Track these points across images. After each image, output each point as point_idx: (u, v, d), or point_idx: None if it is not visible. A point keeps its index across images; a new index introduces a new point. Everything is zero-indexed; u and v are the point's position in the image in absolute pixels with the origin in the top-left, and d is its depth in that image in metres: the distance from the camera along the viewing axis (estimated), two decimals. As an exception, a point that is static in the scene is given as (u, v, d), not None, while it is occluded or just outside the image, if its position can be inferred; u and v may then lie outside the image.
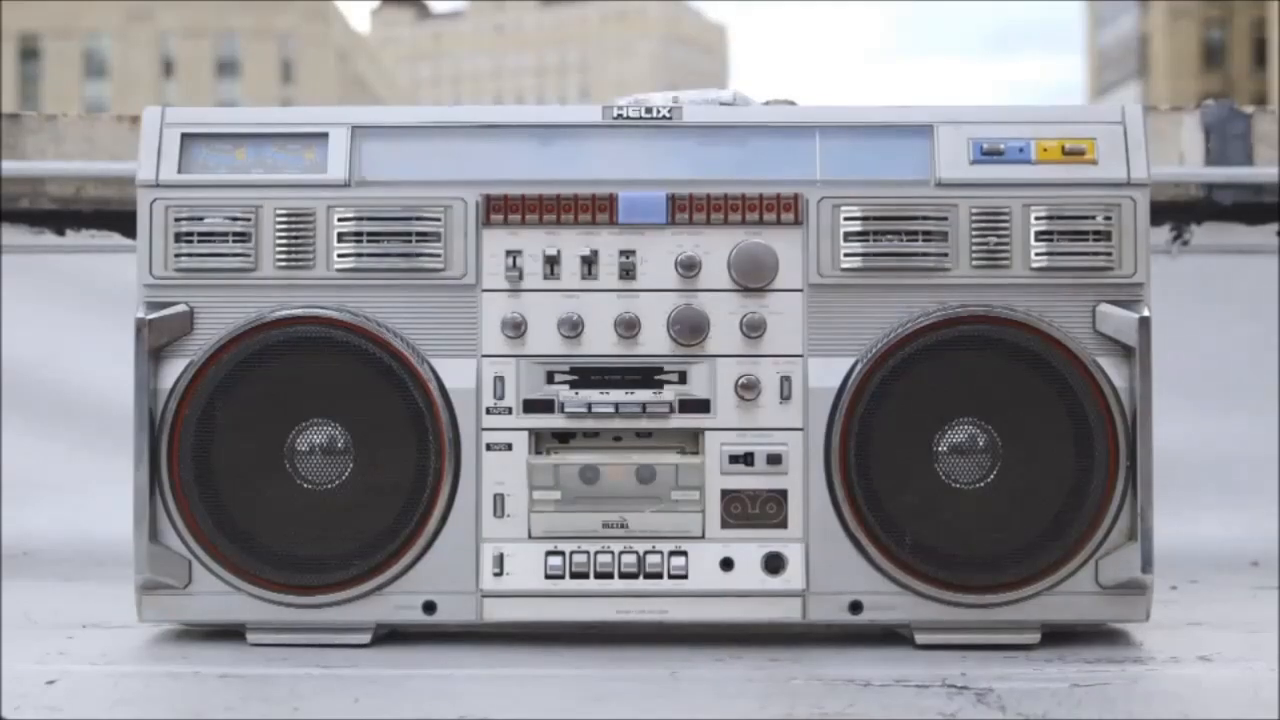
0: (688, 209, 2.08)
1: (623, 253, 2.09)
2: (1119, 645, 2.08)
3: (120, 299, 2.49)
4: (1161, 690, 1.88)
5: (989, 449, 2.06)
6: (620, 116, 2.12)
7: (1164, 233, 3.07)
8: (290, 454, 2.07)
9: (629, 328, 2.07)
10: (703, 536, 2.08)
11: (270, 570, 2.06)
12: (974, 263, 2.08)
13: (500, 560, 2.07)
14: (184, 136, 2.11)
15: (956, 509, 2.05)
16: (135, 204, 2.10)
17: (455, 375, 2.07)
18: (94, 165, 3.18)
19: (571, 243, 2.09)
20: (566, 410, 2.07)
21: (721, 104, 2.16)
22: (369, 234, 2.09)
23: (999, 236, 2.08)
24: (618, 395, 2.07)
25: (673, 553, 2.07)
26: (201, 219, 2.09)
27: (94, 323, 3.07)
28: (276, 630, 2.08)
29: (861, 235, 2.07)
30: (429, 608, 2.07)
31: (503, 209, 2.09)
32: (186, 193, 2.09)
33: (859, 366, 2.05)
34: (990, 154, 2.09)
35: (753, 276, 2.07)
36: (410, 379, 2.06)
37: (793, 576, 2.07)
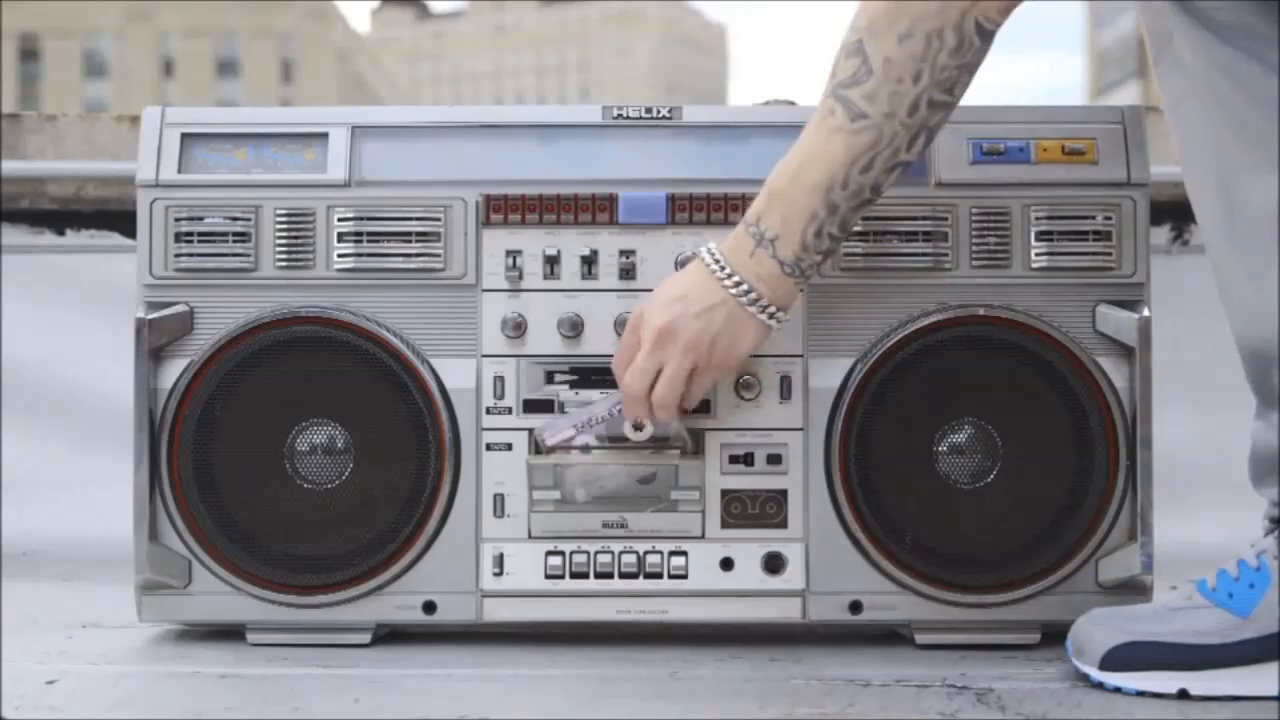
0: (688, 209, 2.08)
1: (623, 253, 2.09)
2: (1119, 645, 2.08)
3: (120, 299, 2.49)
4: (1161, 690, 1.88)
5: (989, 449, 2.06)
6: (620, 116, 2.12)
7: (1164, 233, 3.07)
8: (290, 454, 2.07)
9: (629, 328, 2.07)
10: (703, 536, 2.08)
11: (270, 570, 2.06)
12: (974, 263, 2.08)
13: (500, 560, 2.07)
14: (184, 136, 2.11)
15: (957, 509, 2.05)
16: (135, 204, 2.10)
17: (455, 375, 2.07)
18: (94, 165, 3.17)
19: (571, 243, 2.09)
20: (567, 410, 2.07)
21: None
22: (369, 234, 2.09)
23: (999, 236, 2.08)
24: (618, 395, 2.07)
25: (673, 553, 2.07)
26: (201, 219, 2.09)
27: (94, 323, 3.07)
28: (277, 630, 2.08)
29: (861, 235, 2.07)
30: (429, 608, 2.07)
31: (503, 209, 2.09)
32: (186, 193, 2.09)
33: (859, 366, 2.05)
34: (990, 154, 2.09)
35: (753, 276, 2.07)
36: (410, 379, 2.06)
37: (793, 576, 2.07)
